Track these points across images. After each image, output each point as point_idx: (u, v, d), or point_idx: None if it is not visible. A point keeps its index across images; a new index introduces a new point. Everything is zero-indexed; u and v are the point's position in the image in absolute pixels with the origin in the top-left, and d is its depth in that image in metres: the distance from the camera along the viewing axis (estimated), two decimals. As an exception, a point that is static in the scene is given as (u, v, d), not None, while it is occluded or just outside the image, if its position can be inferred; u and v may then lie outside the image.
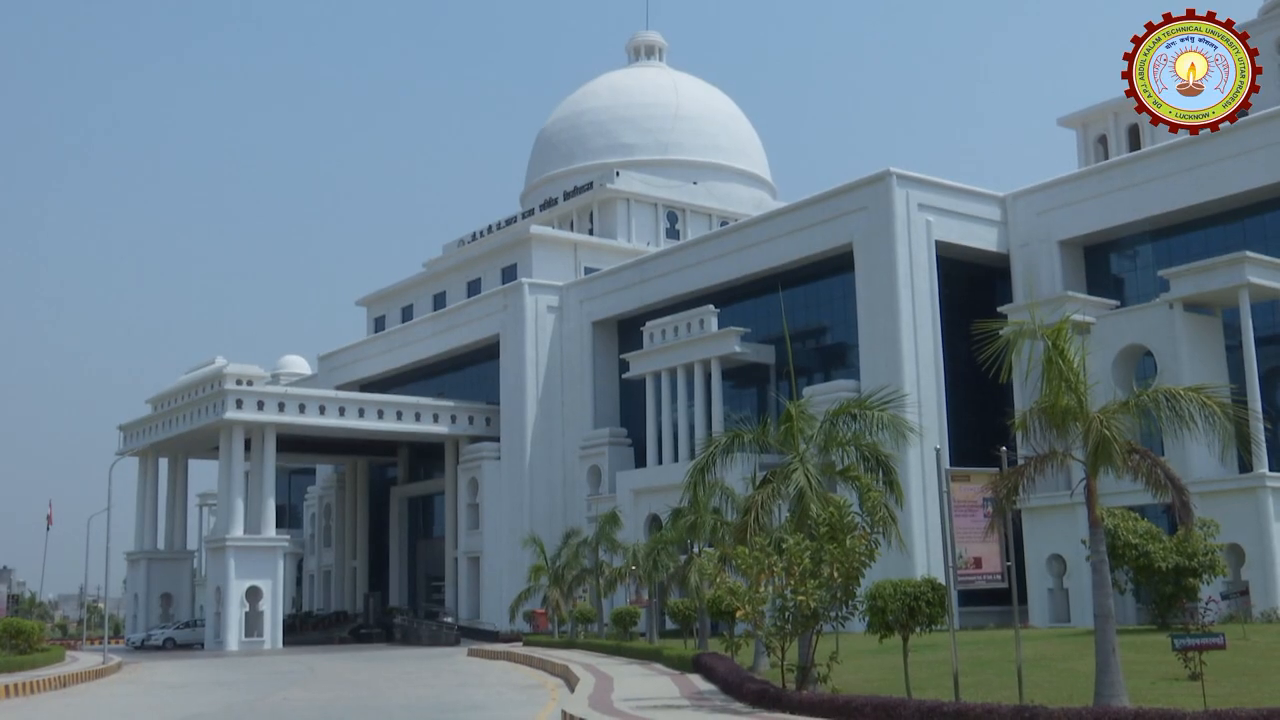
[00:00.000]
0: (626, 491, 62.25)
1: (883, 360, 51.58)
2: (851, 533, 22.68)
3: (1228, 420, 19.25)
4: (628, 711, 22.40)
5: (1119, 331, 46.44)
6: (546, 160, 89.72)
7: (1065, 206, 53.47)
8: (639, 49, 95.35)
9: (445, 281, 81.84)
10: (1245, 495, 41.66)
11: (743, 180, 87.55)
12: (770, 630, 23.48)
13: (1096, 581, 19.17)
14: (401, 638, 70.97)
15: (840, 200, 55.54)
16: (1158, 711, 16.57)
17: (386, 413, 70.52)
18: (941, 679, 21.82)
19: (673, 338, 61.32)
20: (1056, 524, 44.96)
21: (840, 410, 25.84)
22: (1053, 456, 19.60)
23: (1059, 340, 19.29)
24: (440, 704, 29.03)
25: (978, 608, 45.87)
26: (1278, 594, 40.22)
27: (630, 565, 46.79)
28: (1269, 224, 48.12)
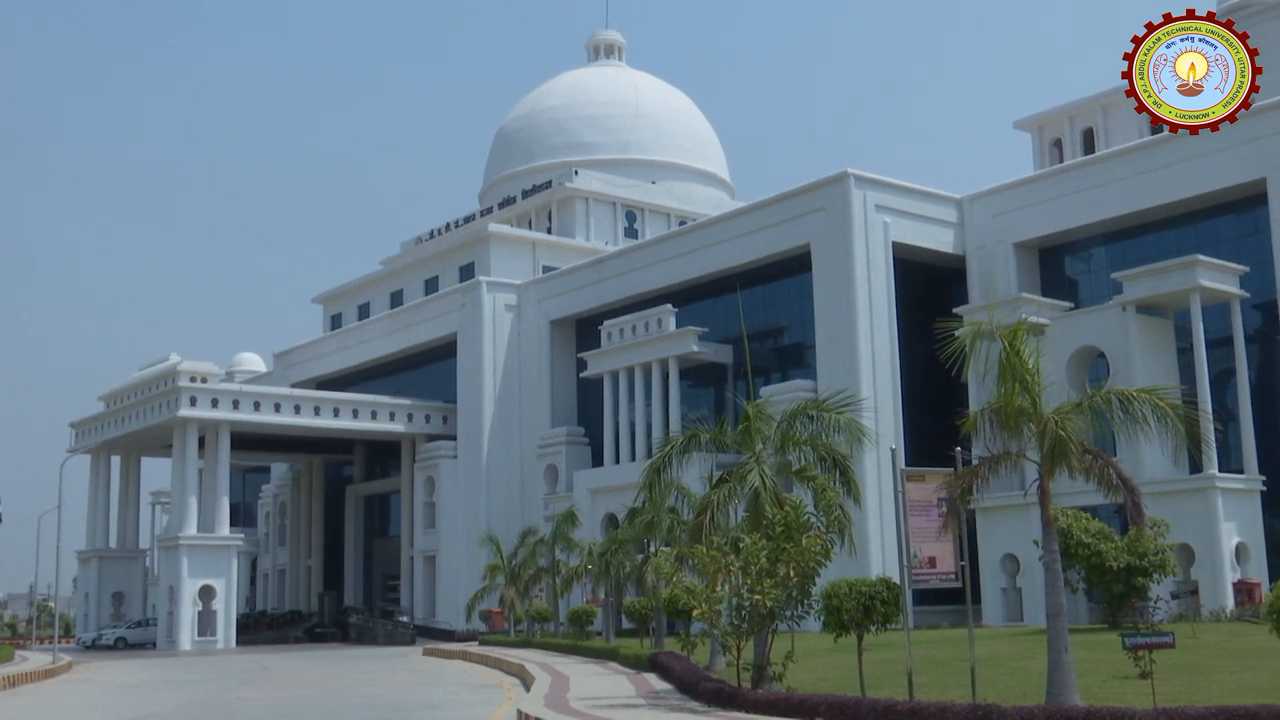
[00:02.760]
0: (584, 490, 62.20)
1: (840, 360, 51.80)
2: (807, 532, 22.76)
3: (1179, 421, 19.46)
4: (583, 711, 22.38)
5: (1073, 333, 46.86)
6: (505, 158, 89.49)
7: (1021, 209, 53.91)
8: (599, 48, 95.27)
9: (403, 279, 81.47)
10: (1196, 495, 42.14)
11: (701, 180, 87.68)
12: (726, 629, 23.52)
13: (1049, 581, 19.33)
14: (357, 637, 70.56)
15: (798, 201, 55.74)
16: (1109, 709, 16.73)
17: (343, 411, 70.10)
18: (896, 678, 21.94)
19: (630, 337, 61.31)
20: (1010, 524, 45.31)
21: (797, 411, 25.91)
22: (1007, 457, 19.75)
23: (1015, 341, 19.43)
24: (395, 703, 28.88)
25: (932, 607, 46.16)
26: (1227, 593, 40.71)
27: (587, 564, 46.77)
28: (1221, 228, 48.71)
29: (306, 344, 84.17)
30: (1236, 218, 48.29)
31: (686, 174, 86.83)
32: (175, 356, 70.07)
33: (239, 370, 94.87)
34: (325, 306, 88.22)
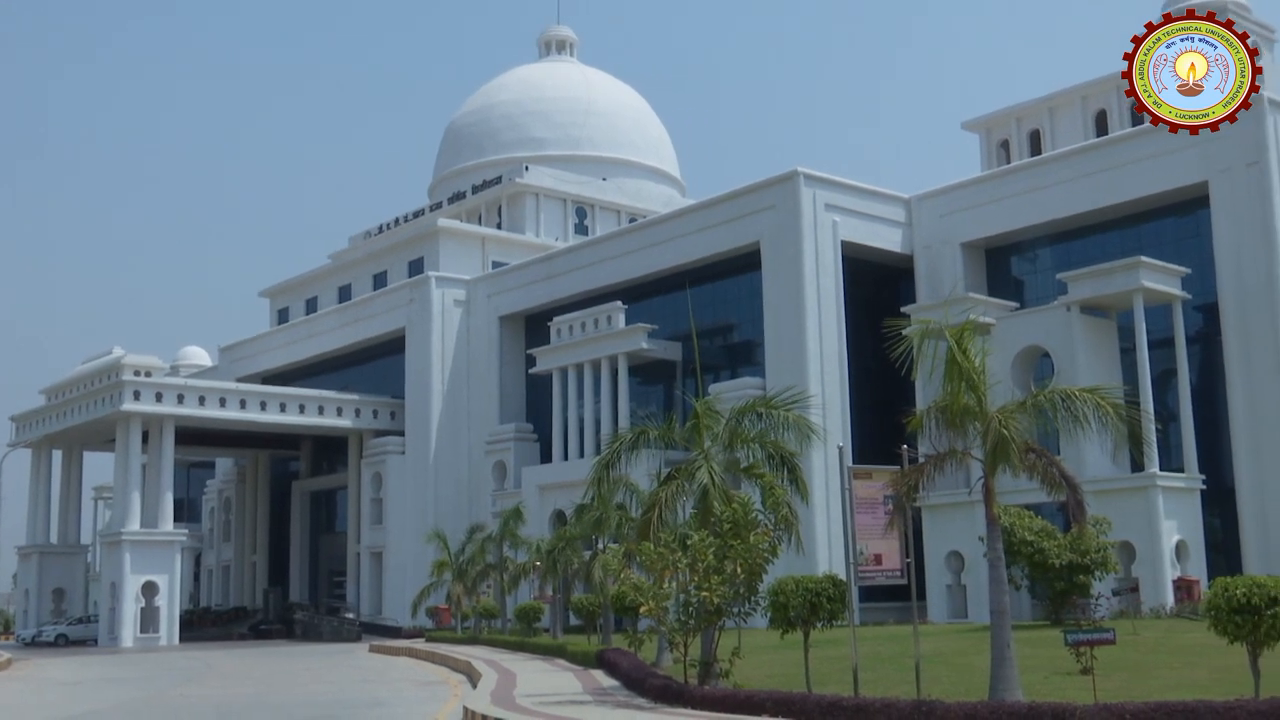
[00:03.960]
0: (532, 487, 62.09)
1: (788, 358, 52.02)
2: (755, 529, 22.86)
3: (1121, 421, 19.71)
4: (530, 707, 22.35)
5: (1018, 333, 47.31)
6: (455, 153, 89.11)
7: (968, 209, 54.37)
8: (550, 43, 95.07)
9: (351, 274, 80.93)
10: (1137, 494, 42.68)
11: (652, 177, 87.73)
12: (674, 626, 23.58)
13: (993, 578, 19.52)
14: (302, 634, 70.05)
15: (748, 199, 55.92)
16: (1050, 705, 16.92)
17: (289, 406, 69.53)
18: (842, 674, 22.08)
19: (580, 334, 61.25)
20: (955, 521, 45.69)
21: (746, 408, 26.01)
22: (952, 455, 19.93)
23: (962, 340, 19.59)
24: (341, 700, 28.72)
25: (878, 604, 46.49)
26: (1167, 590, 41.27)
27: (535, 561, 46.70)
28: (1164, 229, 49.35)
29: (253, 338, 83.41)
30: (1179, 220, 48.95)
31: (637, 171, 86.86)
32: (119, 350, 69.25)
33: (184, 364, 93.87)
34: (272, 301, 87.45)
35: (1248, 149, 45.44)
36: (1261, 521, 43.65)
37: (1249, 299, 45.00)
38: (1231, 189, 45.85)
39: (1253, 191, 45.31)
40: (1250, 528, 43.90)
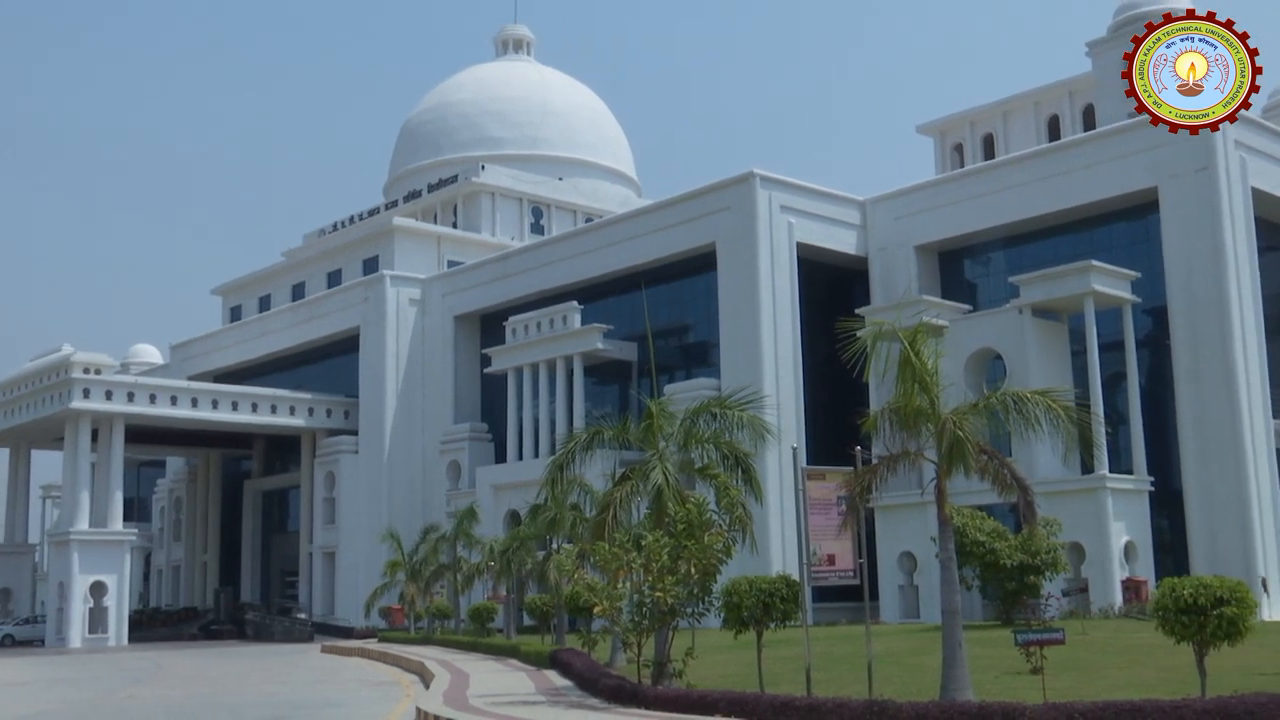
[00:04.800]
0: (486, 487, 61.92)
1: (743, 359, 52.17)
2: (709, 530, 22.90)
3: (1071, 423, 19.91)
4: (483, 708, 22.29)
5: (971, 335, 47.68)
6: (411, 152, 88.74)
7: (922, 212, 54.72)
8: (507, 43, 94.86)
9: (305, 272, 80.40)
10: (1086, 495, 43.13)
11: (608, 177, 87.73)
12: (627, 626, 23.57)
13: (945, 579, 19.66)
14: (254, 634, 69.54)
15: (704, 200, 56.03)
16: (1000, 705, 17.06)
17: (241, 404, 68.99)
18: (795, 674, 22.16)
19: (535, 333, 61.15)
20: (908, 522, 45.98)
21: (700, 409, 26.06)
22: (905, 456, 20.05)
23: (915, 342, 19.72)
24: (292, 701, 28.53)
25: (831, 604, 46.68)
26: (1115, 591, 41.72)
27: (488, 561, 46.58)
28: (1115, 234, 49.89)
29: (205, 336, 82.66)
30: (1129, 225, 49.49)
31: (594, 171, 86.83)
32: (68, 347, 68.41)
33: (134, 362, 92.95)
34: (224, 298, 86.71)
35: (1197, 155, 46.00)
36: (1208, 523, 44.21)
37: (1197, 303, 45.57)
38: (1181, 194, 46.41)
39: (1201, 197, 45.87)
40: (1197, 529, 44.46)
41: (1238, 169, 46.48)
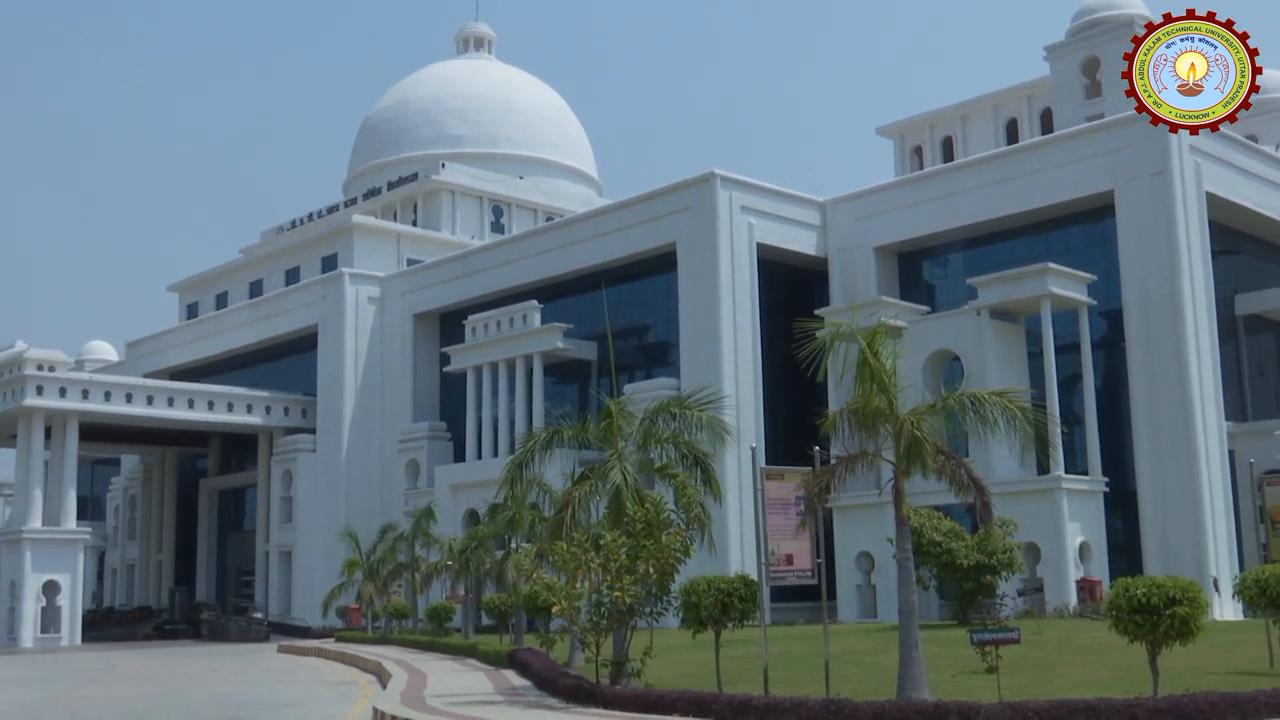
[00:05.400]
0: (445, 486, 61.72)
1: (703, 359, 52.25)
2: (668, 529, 22.91)
3: (1028, 424, 20.04)
4: (440, 708, 22.20)
5: (929, 336, 47.96)
6: (371, 149, 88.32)
7: (881, 214, 54.98)
8: (468, 40, 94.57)
9: (263, 269, 79.86)
10: (1042, 496, 43.48)
11: (569, 176, 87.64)
12: (586, 626, 23.55)
13: (902, 578, 19.76)
14: (209, 634, 68.99)
15: (665, 200, 56.08)
16: (956, 703, 17.16)
17: (197, 402, 68.41)
18: (753, 673, 22.20)
19: (495, 332, 61.02)
20: (866, 522, 46.21)
21: (660, 408, 26.07)
22: (864, 456, 20.12)
23: (873, 343, 19.81)
24: (247, 701, 28.32)
25: (789, 604, 46.81)
26: (1070, 590, 42.09)
27: (447, 560, 46.41)
28: (1071, 237, 50.32)
29: (161, 333, 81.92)
30: (1086, 228, 49.94)
31: (555, 170, 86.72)
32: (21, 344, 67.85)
33: (89, 359, 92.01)
34: (181, 295, 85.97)
35: (1152, 159, 46.49)
36: (1161, 523, 44.68)
37: (1151, 306, 46.03)
38: (1136, 198, 46.87)
39: (1157, 201, 46.34)
40: (1150, 529, 44.92)
41: (1192, 173, 46.99)
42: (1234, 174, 49.57)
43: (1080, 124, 53.17)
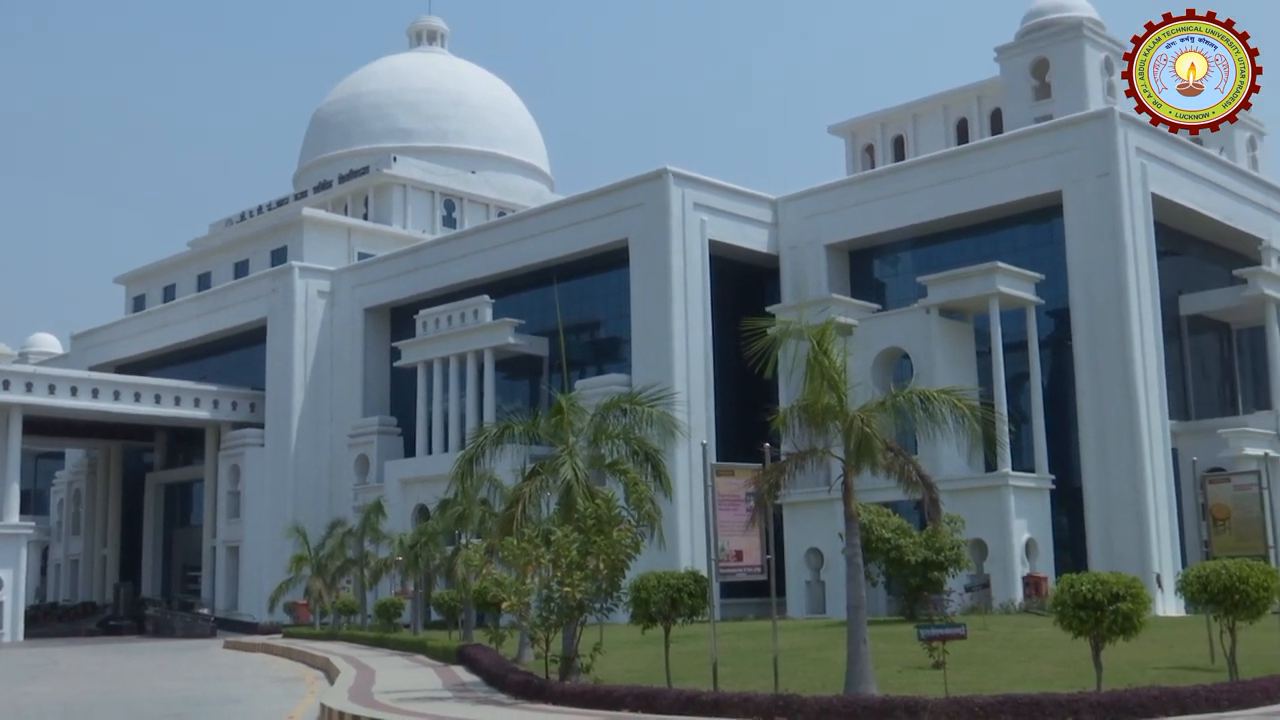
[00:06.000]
0: (395, 481, 61.44)
1: (654, 355, 52.31)
2: (618, 525, 22.93)
3: (976, 422, 20.22)
4: (388, 704, 22.12)
5: (879, 334, 48.26)
6: (322, 141, 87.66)
7: (832, 212, 55.25)
8: (420, 34, 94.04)
9: (211, 262, 79.12)
10: (990, 493, 43.88)
11: (522, 171, 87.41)
12: (535, 622, 23.53)
13: (850, 574, 19.88)
14: (154, 630, 68.34)
15: (618, 196, 56.08)
16: (902, 698, 17.31)
17: (144, 396, 67.72)
18: (701, 669, 22.27)
19: (446, 327, 60.80)
20: (815, 519, 46.43)
21: (611, 404, 26.09)
22: (813, 453, 20.22)
23: (823, 341, 19.90)
24: (193, 697, 28.07)
25: (738, 599, 46.93)
26: (1016, 587, 42.52)
27: (396, 556, 46.21)
28: (1019, 237, 50.79)
29: (107, 326, 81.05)
30: (1034, 228, 50.42)
31: (507, 165, 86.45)
32: (-37, 335, 66.73)
33: (33, 351, 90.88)
34: (128, 287, 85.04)
35: (1100, 160, 47.02)
36: (1105, 521, 45.22)
37: (1098, 305, 46.56)
38: (1083, 199, 47.38)
39: (1103, 202, 46.87)
40: (1095, 526, 45.45)
41: (1138, 175, 47.56)
42: (1179, 176, 50.24)
43: (1029, 125, 53.66)
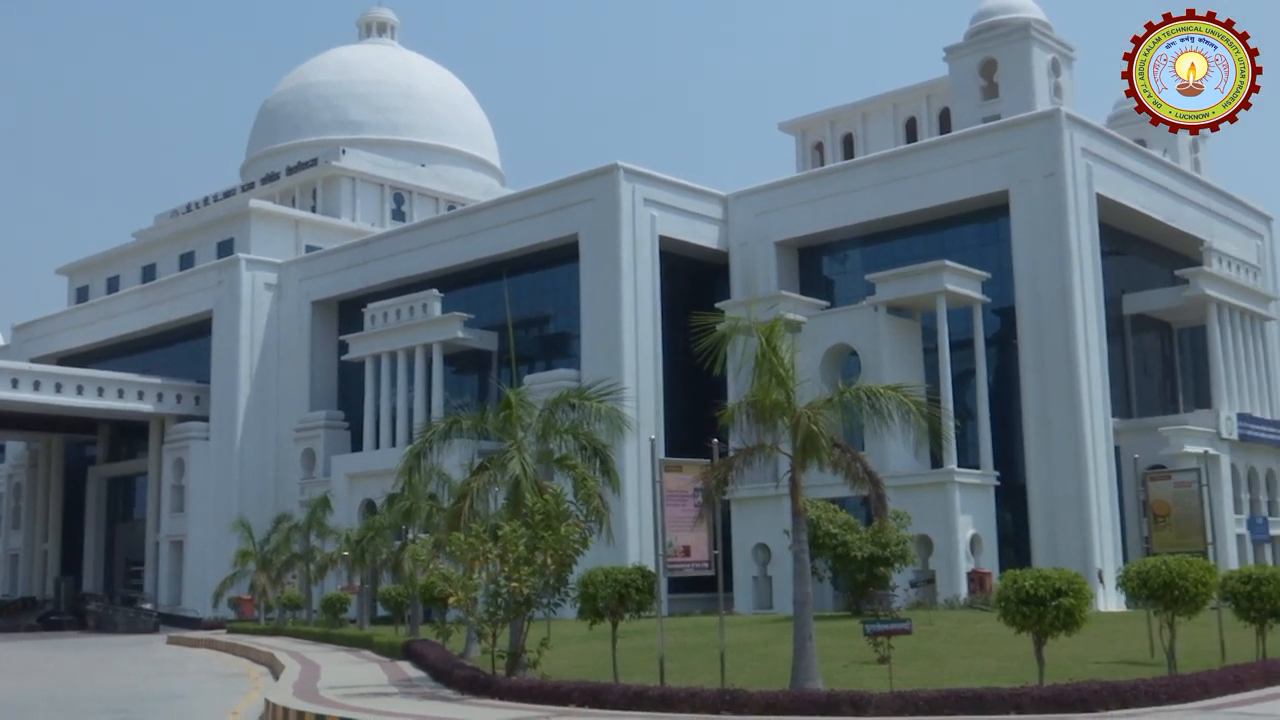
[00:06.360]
0: (341, 475, 61.05)
1: (603, 350, 52.29)
2: (566, 521, 22.90)
3: (922, 418, 20.37)
4: (334, 699, 21.98)
5: (827, 331, 48.51)
6: (270, 133, 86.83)
7: (782, 209, 55.46)
8: (371, 25, 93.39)
9: (156, 253, 78.22)
10: (935, 489, 44.24)
11: (472, 165, 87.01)
12: (482, 617, 23.46)
13: (797, 570, 19.98)
14: (96, 625, 67.51)
15: (568, 191, 55.99)
16: (847, 693, 17.44)
17: (87, 388, 66.83)
18: (648, 664, 22.30)
19: (394, 321, 60.47)
20: (763, 514, 46.60)
21: (559, 399, 26.04)
22: (761, 449, 20.30)
23: (772, 337, 19.98)
24: (135, 693, 27.77)
25: (686, 595, 47.04)
26: (961, 582, 42.92)
27: (342, 551, 45.94)
28: (966, 235, 51.23)
29: (49, 317, 79.94)
30: (981, 227, 50.87)
31: (457, 158, 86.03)
32: (-99, 326, 65.63)
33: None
34: (70, 278, 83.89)
35: (1046, 160, 47.51)
36: (1049, 517, 45.72)
37: (1043, 304, 47.05)
38: (1030, 199, 47.86)
39: (1049, 202, 47.37)
40: (1039, 523, 45.94)
41: (1084, 175, 48.11)
42: (1123, 177, 50.86)
43: (977, 124, 54.09)
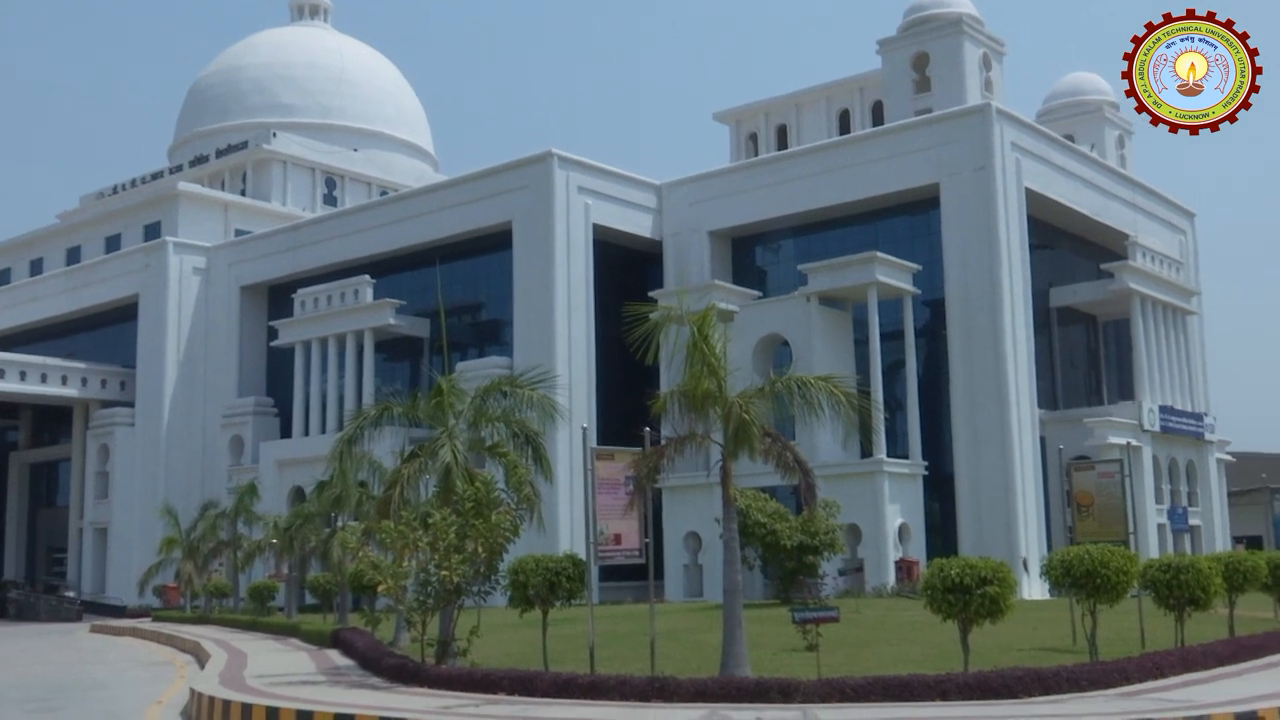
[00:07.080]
0: (270, 462, 60.47)
1: (536, 338, 52.21)
2: (497, 508, 22.85)
3: (852, 408, 20.54)
4: (261, 688, 21.78)
5: (760, 321, 48.77)
6: (199, 114, 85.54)
7: (716, 199, 55.65)
8: (303, 7, 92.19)
9: (81, 235, 76.90)
10: (864, 479, 44.69)
11: (405, 151, 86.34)
12: (412, 605, 23.33)
13: (727, 558, 20.09)
14: (16, 614, 66.30)
15: (502, 178, 55.78)
16: (776, 680, 17.57)
17: (8, 372, 65.59)
18: (579, 652, 22.33)
19: (325, 307, 59.94)
20: (694, 503, 46.80)
21: (491, 387, 25.93)
22: (693, 438, 20.38)
23: (704, 326, 20.06)
24: (56, 683, 27.33)
25: (617, 583, 47.20)
26: (889, 570, 43.39)
27: (270, 538, 45.50)
28: (898, 228, 51.72)
29: (-32, 300, 78.36)
30: (912, 219, 51.40)
31: (390, 144, 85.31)
32: None
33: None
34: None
35: (976, 154, 48.05)
36: (975, 506, 46.37)
37: (972, 297, 47.63)
38: (960, 192, 48.40)
39: (979, 195, 47.94)
40: (965, 512, 46.58)
41: (1013, 169, 48.72)
42: (1052, 171, 51.57)
43: (909, 117, 54.55)
